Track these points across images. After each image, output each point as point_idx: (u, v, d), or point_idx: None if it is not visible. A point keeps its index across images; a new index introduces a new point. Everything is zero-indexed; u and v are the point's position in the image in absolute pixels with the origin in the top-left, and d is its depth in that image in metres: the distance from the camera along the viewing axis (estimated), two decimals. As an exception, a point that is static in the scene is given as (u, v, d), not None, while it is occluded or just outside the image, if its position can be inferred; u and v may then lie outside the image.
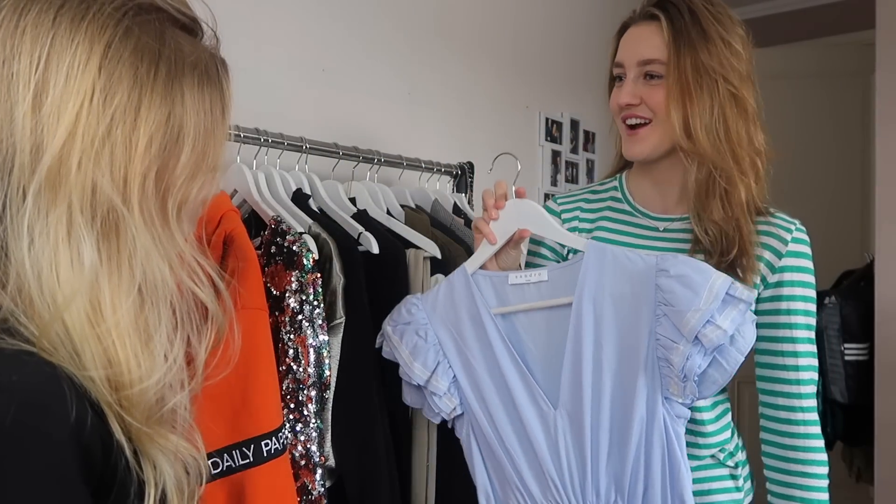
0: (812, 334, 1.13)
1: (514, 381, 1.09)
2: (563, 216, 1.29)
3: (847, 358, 2.43)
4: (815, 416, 1.12)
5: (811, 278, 1.14)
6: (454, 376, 1.13)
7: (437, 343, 1.14)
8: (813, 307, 1.14)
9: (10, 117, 0.59)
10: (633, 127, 1.16)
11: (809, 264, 1.14)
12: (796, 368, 1.12)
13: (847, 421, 2.50)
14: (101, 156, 0.60)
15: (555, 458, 1.07)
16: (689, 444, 1.08)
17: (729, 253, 1.09)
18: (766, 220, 1.15)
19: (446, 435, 1.40)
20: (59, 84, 0.59)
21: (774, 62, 3.37)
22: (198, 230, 1.13)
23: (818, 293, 2.46)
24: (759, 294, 1.13)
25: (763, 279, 1.13)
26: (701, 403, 1.12)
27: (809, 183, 3.24)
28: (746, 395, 2.77)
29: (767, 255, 1.12)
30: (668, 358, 1.00)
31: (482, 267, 1.15)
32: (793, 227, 1.14)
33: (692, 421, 1.10)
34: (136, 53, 0.62)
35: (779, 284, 1.12)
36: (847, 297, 2.47)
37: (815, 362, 1.13)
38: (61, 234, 0.59)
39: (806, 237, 1.14)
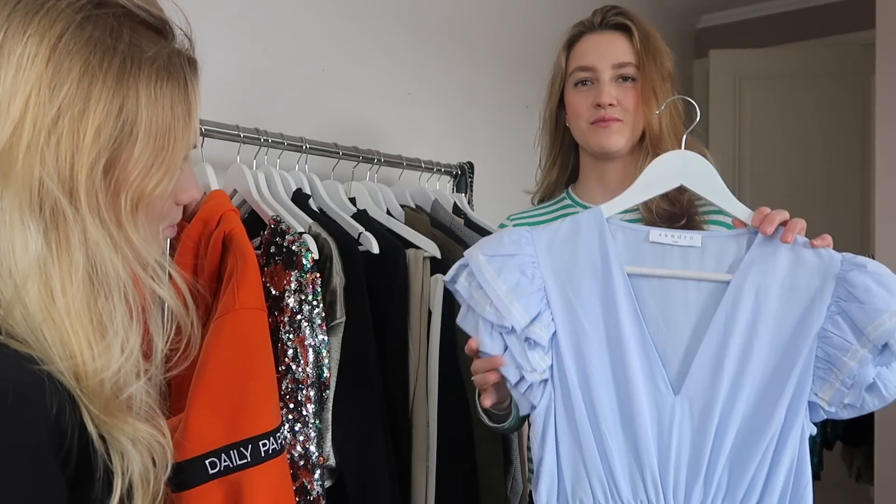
0: None
1: (633, 353, 0.93)
2: None
3: (847, 358, 2.43)
4: None
5: None
6: (555, 331, 0.95)
7: (542, 288, 0.95)
8: None
9: None
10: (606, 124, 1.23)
11: None
12: None
13: (847, 421, 2.50)
14: (48, 144, 0.62)
15: (662, 452, 0.92)
16: None
17: (679, 221, 1.17)
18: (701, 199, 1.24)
19: (446, 435, 1.40)
20: (10, 75, 0.61)
21: (775, 62, 3.36)
22: (194, 230, 1.14)
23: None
24: None
25: None
26: None
27: (809, 183, 3.24)
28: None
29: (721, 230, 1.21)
30: (835, 359, 0.89)
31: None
32: None
33: None
34: (87, 46, 0.63)
35: None
36: (847, 298, 2.47)
37: None
38: (15, 218, 0.61)
39: None
